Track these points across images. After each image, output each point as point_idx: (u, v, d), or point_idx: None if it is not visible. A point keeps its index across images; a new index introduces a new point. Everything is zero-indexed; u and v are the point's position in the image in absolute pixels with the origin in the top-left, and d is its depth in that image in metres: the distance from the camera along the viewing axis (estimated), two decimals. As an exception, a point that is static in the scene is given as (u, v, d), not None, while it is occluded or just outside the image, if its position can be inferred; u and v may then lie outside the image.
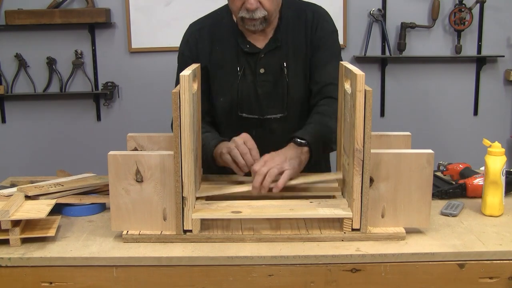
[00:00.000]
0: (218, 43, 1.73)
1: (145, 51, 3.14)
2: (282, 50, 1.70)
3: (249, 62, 1.70)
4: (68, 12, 3.02)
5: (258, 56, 1.70)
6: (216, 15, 1.78)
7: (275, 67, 1.70)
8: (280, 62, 1.70)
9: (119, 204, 1.32)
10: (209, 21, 1.77)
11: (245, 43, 1.70)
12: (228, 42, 1.72)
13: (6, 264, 1.25)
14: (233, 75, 1.70)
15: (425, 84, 3.24)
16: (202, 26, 1.76)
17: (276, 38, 1.70)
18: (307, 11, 1.73)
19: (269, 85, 1.71)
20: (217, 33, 1.73)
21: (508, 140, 3.32)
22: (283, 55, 1.70)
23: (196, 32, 1.76)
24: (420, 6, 3.13)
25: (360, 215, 1.31)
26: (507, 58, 3.19)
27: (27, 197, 1.47)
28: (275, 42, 1.70)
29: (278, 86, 1.71)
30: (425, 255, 1.26)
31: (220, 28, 1.74)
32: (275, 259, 1.25)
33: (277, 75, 1.70)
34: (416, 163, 1.32)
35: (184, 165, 1.28)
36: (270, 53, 1.70)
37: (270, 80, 1.70)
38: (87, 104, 3.22)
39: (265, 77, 1.70)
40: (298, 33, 1.71)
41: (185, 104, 1.26)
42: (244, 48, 1.70)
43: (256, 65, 1.70)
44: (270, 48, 1.70)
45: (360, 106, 1.25)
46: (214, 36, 1.73)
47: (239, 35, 1.71)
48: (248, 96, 1.71)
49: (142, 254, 1.26)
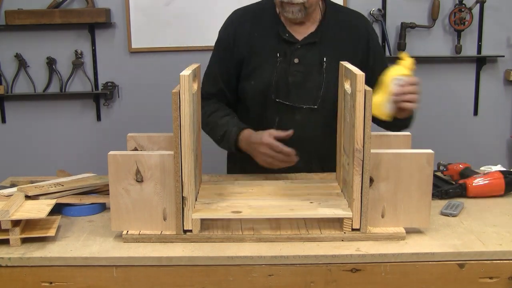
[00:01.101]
0: (258, 29, 1.78)
1: (145, 51, 3.14)
2: (321, 45, 1.75)
3: (285, 50, 1.75)
4: (68, 12, 3.02)
5: (295, 46, 1.74)
6: (260, 4, 1.85)
7: (310, 60, 1.74)
8: (319, 56, 1.74)
9: (119, 204, 1.32)
10: (252, 8, 1.84)
11: (284, 32, 1.75)
12: (268, 30, 1.77)
13: (6, 264, 1.25)
14: (270, 61, 1.75)
15: (425, 84, 3.22)
16: (245, 12, 1.83)
17: (317, 33, 1.75)
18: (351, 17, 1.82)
19: (300, 76, 1.74)
20: (259, 20, 1.79)
21: (508, 140, 3.32)
22: (322, 50, 1.74)
23: (238, 17, 1.83)
24: (420, 6, 3.13)
25: (360, 215, 1.31)
26: (507, 58, 3.19)
27: (27, 197, 1.47)
28: (314, 37, 1.75)
29: (311, 79, 1.74)
30: (425, 255, 1.26)
31: (262, 16, 1.79)
32: (275, 259, 1.25)
33: (312, 68, 1.74)
34: (416, 163, 1.32)
35: (184, 165, 1.28)
36: (307, 45, 1.75)
37: (303, 71, 1.74)
38: (87, 104, 3.22)
39: (298, 67, 1.74)
40: (339, 35, 1.76)
41: (185, 104, 1.26)
42: (283, 36, 1.74)
43: (291, 55, 1.74)
44: (309, 41, 1.75)
45: (360, 106, 1.25)
46: (255, 23, 1.79)
47: (280, 25, 1.76)
48: (279, 83, 1.75)
49: (142, 254, 1.26)
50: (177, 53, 3.11)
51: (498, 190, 1.63)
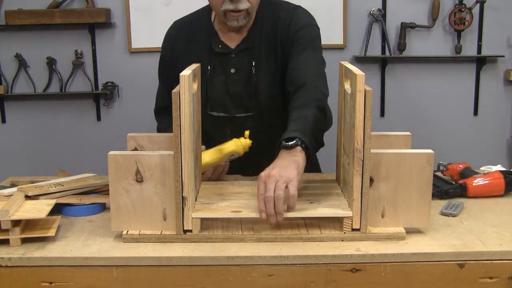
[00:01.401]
0: (193, 42, 1.76)
1: (145, 51, 3.14)
2: (253, 50, 1.71)
3: (221, 61, 1.72)
4: (68, 12, 3.02)
5: (229, 56, 1.72)
6: (197, 15, 1.81)
7: (246, 67, 1.71)
8: (250, 62, 1.71)
9: (119, 204, 1.32)
10: (189, 21, 1.81)
11: (217, 43, 1.73)
12: (202, 42, 1.75)
13: (6, 264, 1.25)
14: (203, 74, 1.71)
15: (425, 84, 3.24)
16: (181, 25, 1.82)
17: (248, 38, 1.71)
18: (282, 9, 1.72)
19: (240, 85, 1.73)
20: (194, 33, 1.77)
21: (508, 140, 3.32)
22: (254, 55, 1.71)
23: (174, 32, 1.82)
24: (420, 6, 3.13)
25: (360, 215, 1.31)
26: (507, 58, 3.19)
27: (27, 197, 1.47)
28: (246, 42, 1.71)
29: (247, 86, 1.72)
30: (425, 255, 1.26)
31: (197, 28, 1.77)
32: (275, 259, 1.25)
33: (247, 75, 1.72)
34: (416, 163, 1.32)
35: (184, 165, 1.28)
36: (241, 53, 1.72)
37: (241, 79, 1.72)
38: (87, 104, 3.22)
39: (236, 76, 1.72)
40: (270, 32, 1.71)
41: (185, 104, 1.26)
42: (215, 49, 1.72)
43: (227, 65, 1.72)
44: (241, 48, 1.72)
45: (360, 106, 1.25)
46: (190, 36, 1.77)
47: (212, 35, 1.73)
48: (219, 96, 1.73)
49: (142, 254, 1.26)
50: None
51: (498, 190, 1.63)
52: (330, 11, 3.10)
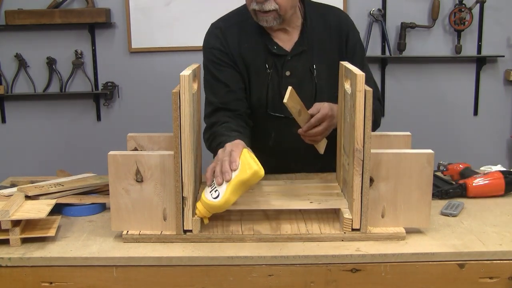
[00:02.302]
0: (246, 41, 1.70)
1: (145, 51, 3.14)
2: (308, 53, 1.70)
3: (275, 63, 1.69)
4: (68, 12, 3.02)
5: (285, 58, 1.69)
6: (241, 14, 1.74)
7: (301, 70, 1.70)
8: (308, 65, 1.70)
9: (119, 204, 1.32)
10: (235, 19, 1.74)
11: (272, 44, 1.69)
12: (255, 41, 1.70)
13: (6, 264, 1.25)
14: (262, 74, 1.69)
15: (425, 84, 3.24)
16: (229, 24, 1.73)
17: (303, 41, 1.70)
18: (330, 15, 1.74)
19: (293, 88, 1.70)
20: (244, 31, 1.71)
21: (508, 140, 3.32)
22: (310, 58, 1.70)
23: (224, 29, 1.72)
24: (420, 6, 3.13)
25: (360, 215, 1.31)
26: (507, 58, 3.19)
27: (27, 197, 1.47)
28: (302, 45, 1.69)
29: (304, 89, 1.69)
30: (425, 255, 1.26)
31: (247, 26, 1.71)
32: (275, 259, 1.25)
33: (303, 78, 1.70)
34: (416, 163, 1.32)
35: (184, 165, 1.28)
36: (297, 56, 1.69)
37: (295, 82, 1.67)
38: (87, 104, 3.22)
39: (290, 80, 1.68)
40: (324, 36, 1.71)
41: (185, 104, 1.26)
42: (272, 49, 1.68)
43: (282, 67, 1.69)
44: (297, 51, 1.69)
45: (360, 106, 1.25)
46: (241, 34, 1.71)
47: (266, 36, 1.70)
48: (274, 97, 1.70)
49: (142, 254, 1.26)
50: (177, 53, 3.11)
51: (498, 190, 1.63)
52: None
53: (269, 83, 1.70)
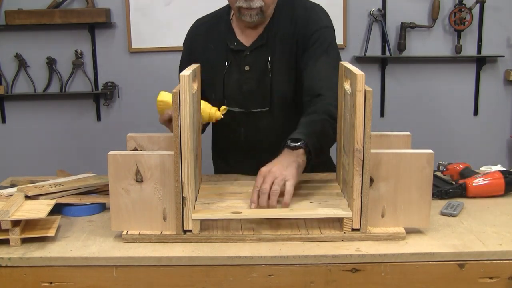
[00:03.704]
0: (212, 41, 1.77)
1: (145, 51, 3.14)
2: (268, 47, 1.71)
3: (235, 59, 1.73)
4: (68, 12, 3.02)
5: (243, 53, 1.72)
6: (218, 14, 1.83)
7: (260, 64, 1.72)
8: (265, 59, 1.71)
9: (119, 204, 1.32)
10: (209, 19, 1.83)
11: (232, 41, 1.74)
12: (220, 40, 1.76)
13: (6, 264, 1.25)
14: (220, 72, 1.73)
15: (425, 84, 3.24)
16: (201, 24, 1.83)
17: (263, 35, 1.72)
18: (299, 7, 1.73)
19: (253, 82, 1.73)
20: (213, 31, 1.78)
21: (508, 140, 3.32)
22: (269, 51, 1.71)
23: (194, 30, 1.84)
24: (420, 6, 3.13)
25: (360, 215, 1.31)
26: (507, 58, 3.20)
27: (27, 197, 1.47)
28: (261, 39, 1.72)
29: (262, 83, 1.72)
30: (425, 255, 1.26)
31: (217, 27, 1.78)
32: (275, 259, 1.25)
33: (262, 72, 1.72)
34: (416, 163, 1.32)
35: (184, 165, 1.28)
36: (255, 50, 1.72)
37: (255, 77, 1.72)
38: (87, 104, 3.22)
39: (250, 74, 1.72)
40: (287, 29, 1.71)
41: (185, 104, 1.26)
42: (230, 46, 1.73)
43: (241, 63, 1.73)
44: (256, 45, 1.72)
45: (360, 106, 1.25)
46: (209, 34, 1.78)
47: (229, 33, 1.75)
48: (234, 93, 1.74)
49: (142, 254, 1.26)
50: (177, 53, 3.08)
51: (498, 190, 1.63)
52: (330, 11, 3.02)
53: (225, 79, 1.73)
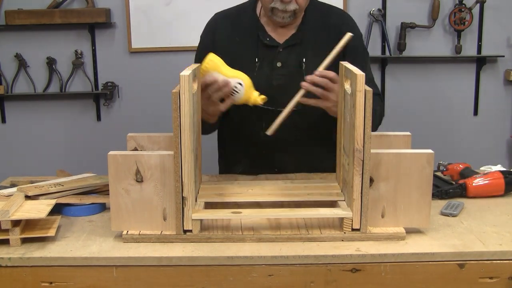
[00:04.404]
0: (238, 33, 1.76)
1: (145, 51, 3.14)
2: (302, 46, 1.72)
3: (267, 55, 1.73)
4: (68, 12, 3.02)
5: (276, 49, 1.72)
6: (241, 7, 1.82)
7: (292, 62, 1.72)
8: (299, 58, 1.72)
9: (119, 204, 1.32)
10: (233, 12, 1.82)
11: (265, 36, 1.73)
12: (248, 34, 1.75)
13: (6, 264, 1.25)
14: (250, 67, 1.71)
15: (425, 84, 3.24)
16: (225, 16, 1.81)
17: (297, 35, 1.73)
18: (332, 14, 1.78)
19: (284, 79, 1.72)
20: (239, 24, 1.77)
21: (508, 140, 3.32)
22: (303, 51, 1.72)
23: (218, 20, 1.81)
24: (420, 6, 3.13)
25: (360, 215, 1.31)
26: (507, 58, 3.19)
27: (27, 197, 1.47)
28: (295, 38, 1.73)
29: (294, 81, 1.70)
30: (425, 255, 1.26)
31: (242, 20, 1.77)
32: (275, 259, 1.25)
33: (293, 70, 1.72)
34: (416, 163, 1.32)
35: (184, 165, 1.28)
36: (289, 48, 1.73)
37: (286, 74, 1.72)
38: (87, 104, 3.22)
39: (281, 71, 1.72)
40: (321, 33, 1.73)
41: (185, 104, 1.26)
42: (264, 41, 1.73)
43: (273, 59, 1.72)
44: (290, 43, 1.73)
45: (360, 106, 1.25)
46: (235, 27, 1.77)
47: (260, 28, 1.74)
48: (264, 89, 1.69)
49: (142, 254, 1.26)
50: (177, 53, 3.11)
51: (498, 190, 1.63)
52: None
53: (256, 74, 1.71)
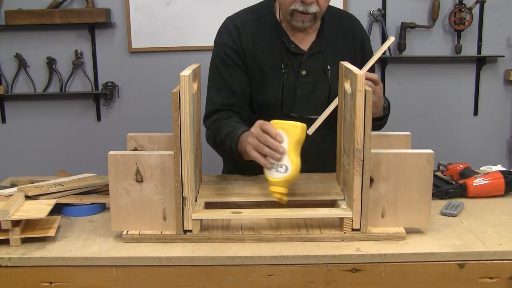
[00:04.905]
0: (261, 39, 1.70)
1: (145, 51, 3.14)
2: (324, 53, 1.71)
3: (292, 62, 1.70)
4: (68, 12, 3.02)
5: (302, 57, 1.70)
6: (257, 11, 1.74)
7: (316, 69, 1.71)
8: (323, 65, 1.71)
9: (119, 204, 1.32)
10: (251, 17, 1.73)
11: (290, 43, 1.69)
12: (271, 40, 1.70)
13: (6, 264, 1.25)
14: (276, 73, 1.69)
15: (425, 84, 3.24)
16: (245, 21, 1.72)
17: (320, 41, 1.71)
18: (343, 17, 1.78)
19: (308, 88, 1.71)
20: (260, 29, 1.70)
21: (508, 140, 3.32)
22: (326, 58, 1.71)
23: (239, 25, 1.71)
24: (420, 6, 3.13)
25: (360, 215, 1.31)
26: (507, 58, 3.19)
27: (27, 197, 1.47)
28: (318, 45, 1.71)
29: (318, 89, 1.71)
30: (425, 255, 1.26)
31: (263, 25, 1.71)
32: (275, 259, 1.25)
33: (317, 78, 1.71)
34: (416, 163, 1.32)
35: (184, 165, 1.28)
36: (313, 56, 1.71)
37: (310, 82, 1.70)
38: (87, 104, 3.22)
39: (306, 79, 1.70)
40: (338, 38, 1.73)
41: (185, 104, 1.26)
42: (290, 48, 1.69)
43: (299, 67, 1.70)
44: (314, 51, 1.70)
45: (360, 106, 1.25)
46: (256, 32, 1.70)
47: (283, 34, 1.70)
48: (287, 96, 1.70)
49: (142, 254, 1.26)
50: (177, 53, 3.11)
51: (498, 190, 1.63)
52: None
53: (284, 82, 1.69)
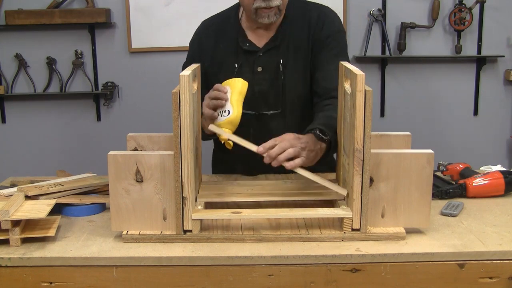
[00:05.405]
0: (221, 41, 1.77)
1: (145, 51, 3.14)
2: (281, 48, 1.72)
3: (248, 60, 1.73)
4: (68, 12, 3.02)
5: (256, 54, 1.72)
6: (225, 14, 1.82)
7: (273, 65, 1.72)
8: (278, 60, 1.71)
9: (119, 204, 1.32)
10: (218, 20, 1.82)
11: (245, 42, 1.73)
12: (230, 41, 1.75)
13: (6, 264, 1.25)
14: (229, 72, 1.72)
15: (425, 84, 3.24)
16: (211, 24, 1.82)
17: (276, 37, 1.72)
18: (313, 11, 1.75)
19: (266, 84, 1.73)
20: (222, 31, 1.77)
21: (508, 140, 3.32)
22: (281, 53, 1.71)
23: (203, 29, 1.83)
24: (420, 6, 3.13)
25: (360, 215, 1.31)
26: (507, 58, 3.19)
27: (27, 197, 1.47)
28: (274, 41, 1.72)
29: (275, 84, 1.72)
30: (425, 255, 1.26)
31: (226, 27, 1.77)
32: (275, 259, 1.25)
33: (274, 74, 1.72)
34: (416, 163, 1.32)
35: (184, 165, 1.28)
36: (268, 52, 1.72)
37: (267, 78, 1.73)
38: (87, 104, 3.22)
39: (262, 75, 1.73)
40: (300, 32, 1.72)
41: (185, 104, 1.26)
42: (243, 46, 1.73)
43: (254, 64, 1.72)
44: (269, 47, 1.72)
45: (360, 106, 1.25)
46: (219, 35, 1.77)
47: (240, 34, 1.74)
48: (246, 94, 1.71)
49: (142, 254, 1.26)
50: (177, 53, 3.11)
51: (498, 190, 1.63)
52: (330, 11, 3.09)
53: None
